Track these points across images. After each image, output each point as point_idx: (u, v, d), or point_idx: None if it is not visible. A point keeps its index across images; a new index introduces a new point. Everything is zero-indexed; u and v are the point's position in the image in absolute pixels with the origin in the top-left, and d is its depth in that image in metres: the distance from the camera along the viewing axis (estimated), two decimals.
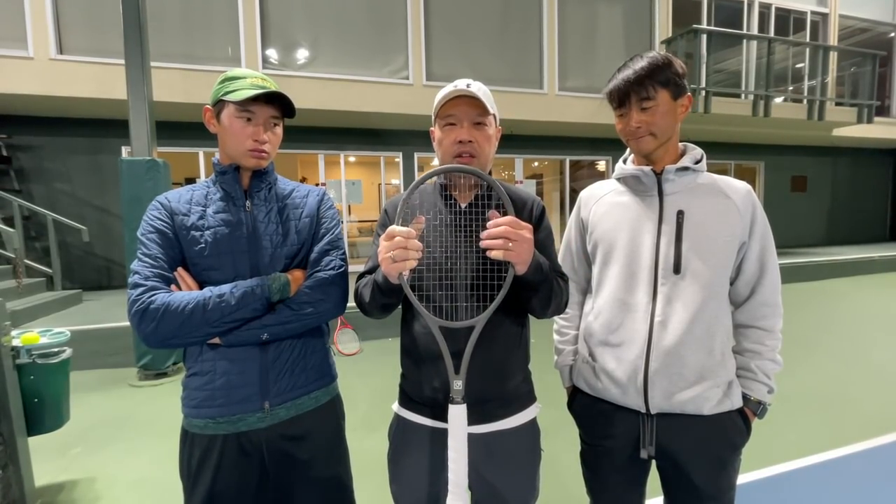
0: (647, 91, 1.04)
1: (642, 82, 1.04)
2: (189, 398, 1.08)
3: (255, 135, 1.07)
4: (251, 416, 1.06)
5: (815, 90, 8.75)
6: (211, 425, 1.06)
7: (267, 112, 1.08)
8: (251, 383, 1.06)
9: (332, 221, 1.19)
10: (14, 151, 6.16)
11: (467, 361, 0.95)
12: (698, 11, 8.86)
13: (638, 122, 1.07)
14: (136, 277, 1.01)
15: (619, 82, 1.07)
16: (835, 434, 2.68)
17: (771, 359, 1.11)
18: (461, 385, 0.95)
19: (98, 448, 2.68)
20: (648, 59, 1.06)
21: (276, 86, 1.09)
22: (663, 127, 1.07)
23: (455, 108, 1.05)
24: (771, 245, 1.12)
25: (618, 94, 1.08)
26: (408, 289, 0.93)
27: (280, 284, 1.06)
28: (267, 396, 1.07)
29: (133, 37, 3.70)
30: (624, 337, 1.11)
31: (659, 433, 1.09)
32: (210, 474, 1.05)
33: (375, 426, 2.76)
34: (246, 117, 1.06)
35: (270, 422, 1.08)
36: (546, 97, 7.72)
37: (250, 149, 1.07)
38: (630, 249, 1.12)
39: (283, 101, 1.09)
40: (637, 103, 1.06)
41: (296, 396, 1.11)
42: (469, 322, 0.95)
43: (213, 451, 1.05)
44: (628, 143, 1.13)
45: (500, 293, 0.94)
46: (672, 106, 1.07)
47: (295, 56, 6.63)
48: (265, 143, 1.08)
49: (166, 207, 1.08)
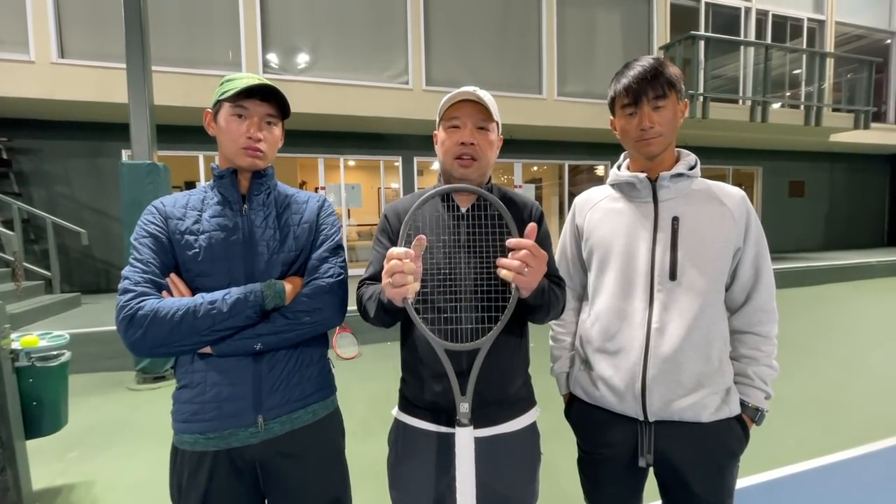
0: (662, 89, 1.03)
1: (658, 78, 1.03)
2: (178, 412, 1.02)
3: (248, 131, 1.03)
4: (243, 432, 1.00)
5: (812, 96, 8.81)
6: (201, 441, 1.00)
7: (261, 109, 1.05)
8: (244, 396, 1.00)
9: (332, 228, 1.15)
10: (14, 154, 6.17)
11: (473, 382, 0.95)
12: (696, 18, 8.92)
13: (651, 122, 1.04)
14: (126, 283, 0.97)
15: (633, 79, 1.04)
16: (832, 439, 2.68)
17: (768, 364, 1.10)
18: (467, 408, 0.94)
19: (96, 452, 2.67)
20: (654, 59, 1.05)
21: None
22: (672, 128, 1.07)
23: (460, 111, 1.07)
24: (765, 250, 1.11)
25: (632, 91, 1.04)
26: (412, 312, 0.91)
27: (275, 291, 1.01)
28: (260, 410, 1.01)
29: (134, 40, 3.71)
30: (621, 344, 1.10)
31: (657, 441, 1.08)
32: (200, 494, 0.99)
33: (374, 431, 2.76)
34: (238, 114, 1.03)
35: (264, 437, 1.02)
36: (545, 102, 7.76)
37: (244, 146, 1.03)
38: (626, 256, 1.11)
39: (277, 98, 1.06)
40: (650, 102, 1.04)
41: (291, 410, 1.05)
42: (474, 345, 0.95)
43: (203, 468, 0.99)
44: (635, 146, 1.09)
45: (505, 315, 0.94)
46: (677, 108, 1.07)
47: (295, 60, 6.66)
48: (259, 142, 1.05)
49: (161, 212, 1.05)
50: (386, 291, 0.91)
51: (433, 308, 1.03)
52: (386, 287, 0.89)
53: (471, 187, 0.98)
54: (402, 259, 0.87)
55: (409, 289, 0.87)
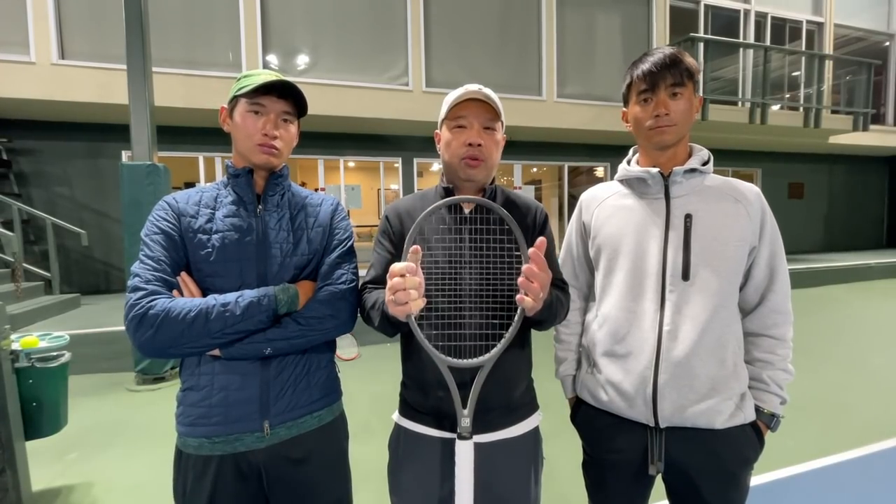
0: (680, 76, 1.01)
1: (678, 65, 1.00)
2: (184, 415, 1.01)
3: (264, 127, 1.02)
4: (249, 436, 0.99)
5: (811, 98, 8.84)
6: (206, 445, 0.98)
7: (278, 106, 1.04)
8: (250, 400, 0.99)
9: (345, 233, 1.13)
10: (14, 155, 6.15)
11: (475, 396, 0.94)
12: (695, 20, 8.95)
13: (667, 108, 1.01)
14: (137, 280, 0.94)
15: (653, 64, 1.02)
16: (832, 440, 2.68)
17: (783, 368, 1.06)
18: (469, 422, 0.93)
19: (95, 453, 2.66)
20: (672, 48, 1.04)
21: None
22: (686, 119, 1.03)
23: (466, 110, 1.05)
24: (781, 250, 1.08)
25: (651, 76, 1.02)
26: (416, 329, 0.90)
27: (289, 296, 1.00)
28: (267, 416, 1.00)
29: (135, 42, 3.71)
30: (631, 347, 1.06)
31: (668, 448, 1.04)
32: (205, 498, 0.98)
33: (374, 433, 2.75)
34: (255, 110, 1.02)
35: (270, 442, 1.00)
36: (545, 104, 7.77)
37: (259, 143, 1.02)
38: (636, 255, 1.07)
39: (294, 95, 1.05)
40: (668, 88, 1.01)
41: (298, 416, 1.03)
42: (477, 362, 0.94)
43: (209, 473, 0.98)
44: (647, 134, 1.06)
45: (509, 333, 0.93)
46: (693, 100, 1.04)
47: (295, 62, 6.67)
48: (275, 139, 1.03)
49: (174, 208, 1.02)
50: (389, 308, 0.89)
51: (436, 321, 1.01)
52: (389, 305, 0.88)
53: (479, 199, 0.95)
54: (405, 275, 0.85)
55: (412, 306, 0.86)
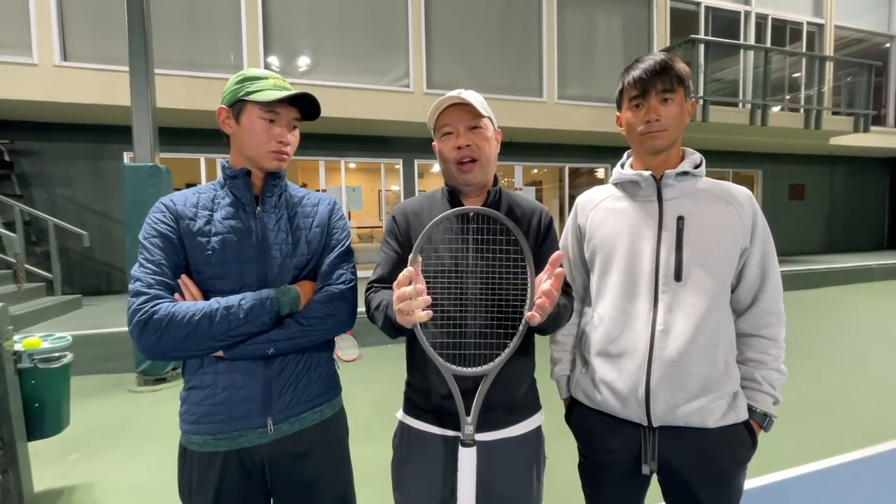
0: (671, 82, 1.03)
1: (668, 72, 1.03)
2: (188, 413, 1.02)
3: (279, 136, 1.04)
4: (253, 433, 1.01)
5: (811, 99, 8.83)
6: (210, 442, 1.00)
7: (291, 113, 1.06)
8: (254, 398, 1.01)
9: (343, 232, 1.15)
10: (16, 156, 6.18)
11: (479, 404, 0.95)
12: (696, 21, 8.95)
13: (657, 114, 1.04)
14: (138, 285, 0.95)
15: (643, 71, 1.04)
16: (833, 441, 2.68)
17: (776, 368, 1.08)
18: (472, 429, 0.94)
19: (96, 454, 2.67)
20: (665, 55, 1.06)
21: (292, 88, 1.08)
22: (677, 125, 1.06)
23: (449, 117, 1.08)
24: (772, 251, 1.09)
25: (641, 82, 1.05)
26: (421, 337, 0.92)
27: (290, 298, 1.01)
28: (270, 412, 1.02)
29: (137, 43, 3.73)
30: (624, 347, 1.07)
31: (661, 447, 1.05)
32: (210, 495, 1.00)
33: (376, 433, 2.76)
34: (271, 118, 1.03)
35: (273, 437, 1.03)
36: (545, 105, 7.78)
37: (273, 150, 1.04)
38: (629, 257, 1.09)
39: (310, 104, 1.07)
40: (658, 94, 1.04)
41: (300, 412, 1.06)
42: (481, 370, 0.95)
43: (213, 469, 1.00)
44: (640, 139, 1.09)
45: (513, 343, 0.94)
46: (684, 105, 1.07)
47: (296, 63, 6.69)
48: (288, 146, 1.06)
49: (171, 210, 1.02)
50: (396, 316, 0.90)
51: (441, 328, 1.02)
52: (396, 314, 0.89)
53: (487, 210, 0.95)
54: (409, 284, 0.86)
55: (417, 316, 0.87)
